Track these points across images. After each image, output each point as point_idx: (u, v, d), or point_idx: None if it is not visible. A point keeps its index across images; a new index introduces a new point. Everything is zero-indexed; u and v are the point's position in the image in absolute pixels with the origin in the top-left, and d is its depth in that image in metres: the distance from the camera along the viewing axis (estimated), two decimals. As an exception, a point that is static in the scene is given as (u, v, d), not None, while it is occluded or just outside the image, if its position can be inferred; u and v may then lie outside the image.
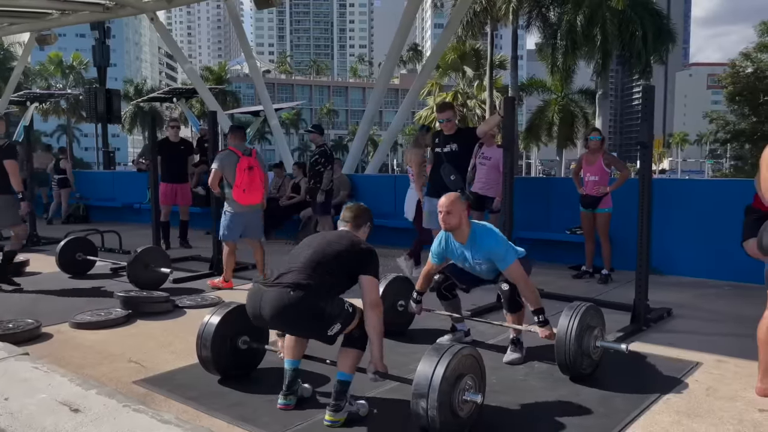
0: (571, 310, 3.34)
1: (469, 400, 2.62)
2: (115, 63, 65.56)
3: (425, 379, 2.51)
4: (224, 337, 3.31)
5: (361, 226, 3.15)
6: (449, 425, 2.54)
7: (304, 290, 2.76)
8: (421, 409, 2.50)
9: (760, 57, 30.49)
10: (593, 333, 3.36)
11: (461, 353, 2.61)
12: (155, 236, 7.06)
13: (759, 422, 2.81)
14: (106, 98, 15.91)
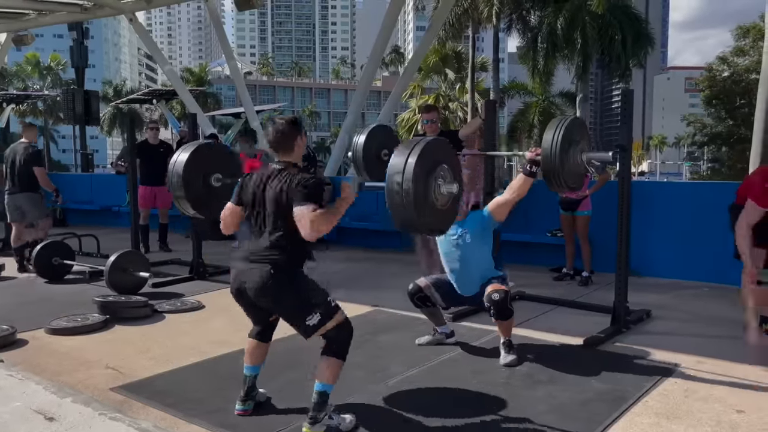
0: (555, 124, 3.26)
1: (445, 191, 2.56)
2: (93, 64, 64.89)
3: (397, 170, 2.42)
4: (195, 175, 3.25)
5: (293, 146, 2.83)
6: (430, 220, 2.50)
7: (283, 266, 2.69)
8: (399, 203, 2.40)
9: (736, 61, 31.05)
10: (578, 146, 3.30)
11: (431, 142, 2.53)
12: (134, 240, 6.97)
13: (737, 423, 2.84)
14: (84, 99, 15.67)
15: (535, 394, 3.22)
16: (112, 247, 6.39)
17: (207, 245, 6.56)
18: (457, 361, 3.76)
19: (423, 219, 2.46)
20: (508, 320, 3.70)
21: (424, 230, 2.58)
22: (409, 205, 2.38)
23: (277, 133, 2.82)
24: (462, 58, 35.60)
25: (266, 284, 2.70)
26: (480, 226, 3.78)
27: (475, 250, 3.77)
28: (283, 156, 2.84)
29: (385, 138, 4.26)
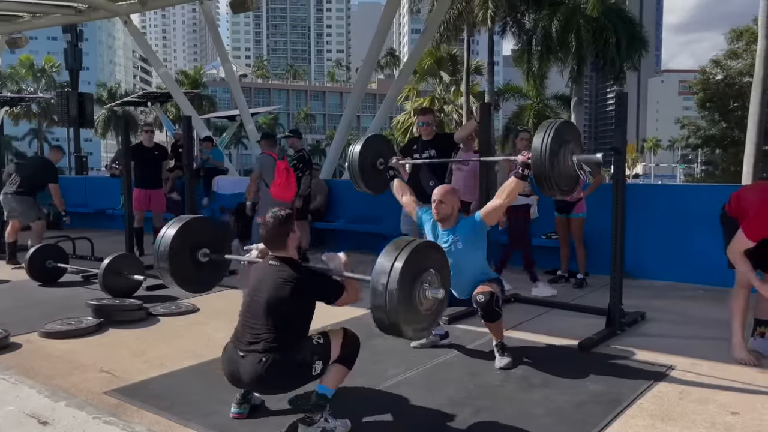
0: (545, 127, 3.26)
1: (430, 297, 2.56)
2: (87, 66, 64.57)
3: (383, 275, 2.40)
4: (182, 250, 3.23)
5: (286, 242, 2.89)
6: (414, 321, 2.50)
7: (275, 353, 2.68)
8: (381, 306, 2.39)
9: (729, 64, 31.22)
10: (568, 147, 3.29)
11: (420, 245, 2.53)
12: (128, 243, 6.95)
13: (731, 425, 2.85)
14: (78, 102, 15.64)
15: (530, 397, 3.23)
16: (107, 250, 6.37)
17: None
18: (452, 364, 3.76)
19: (405, 323, 2.48)
20: (496, 322, 3.67)
21: (405, 336, 2.58)
22: (392, 309, 2.39)
23: (268, 232, 2.87)
24: (457, 61, 35.71)
25: (259, 374, 2.70)
26: (472, 231, 3.77)
27: (467, 255, 3.76)
28: (275, 252, 2.89)
29: (381, 147, 4.26)
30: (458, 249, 3.74)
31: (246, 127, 14.12)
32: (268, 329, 2.72)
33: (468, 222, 3.80)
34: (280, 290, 2.74)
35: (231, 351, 2.81)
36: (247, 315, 2.82)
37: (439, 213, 3.75)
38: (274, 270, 2.82)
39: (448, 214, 3.75)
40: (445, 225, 3.80)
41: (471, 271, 3.78)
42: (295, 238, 2.93)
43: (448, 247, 3.72)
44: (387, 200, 8.02)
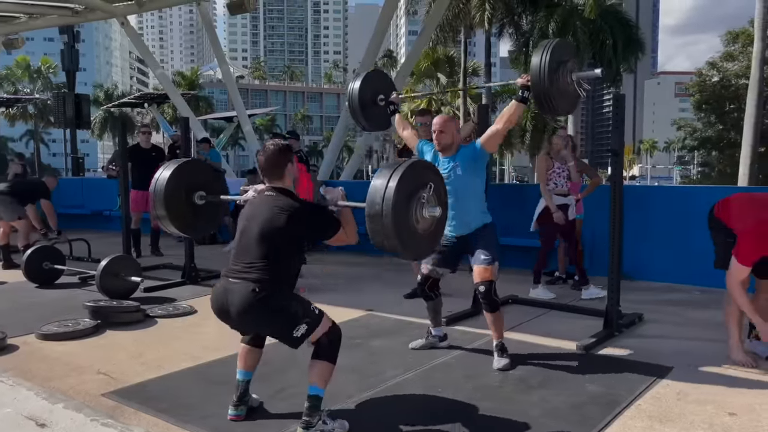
0: (542, 46, 3.26)
1: (428, 215, 2.53)
2: (84, 67, 64.46)
3: (377, 195, 2.36)
4: (178, 192, 3.25)
5: (284, 172, 2.83)
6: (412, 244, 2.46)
7: (268, 286, 2.66)
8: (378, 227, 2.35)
9: (725, 66, 31.32)
10: (567, 66, 3.28)
11: (416, 163, 2.52)
12: (125, 244, 6.93)
13: (729, 426, 2.85)
14: (75, 103, 15.62)
15: (528, 399, 3.23)
16: (104, 252, 6.35)
17: (199, 249, 6.54)
18: (450, 365, 3.76)
19: (402, 245, 2.42)
20: (496, 313, 3.73)
21: (405, 255, 2.53)
22: (387, 229, 2.32)
23: (266, 160, 2.83)
24: (454, 63, 35.73)
25: (249, 304, 2.65)
26: (472, 158, 3.78)
27: (467, 181, 3.76)
28: (272, 182, 2.85)
29: (380, 83, 4.28)
30: (457, 175, 3.76)
31: (243, 128, 14.12)
32: (261, 259, 2.69)
33: (468, 149, 3.83)
34: (275, 219, 2.69)
35: (222, 281, 2.78)
36: (241, 245, 2.79)
37: (440, 143, 3.80)
38: (271, 199, 2.78)
39: (449, 143, 3.79)
40: (445, 153, 3.83)
41: (470, 199, 3.79)
42: (293, 171, 2.88)
43: (447, 173, 3.73)
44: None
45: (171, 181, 3.21)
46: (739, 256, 3.50)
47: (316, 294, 4.99)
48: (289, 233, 2.70)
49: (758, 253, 3.48)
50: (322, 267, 7.10)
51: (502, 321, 3.79)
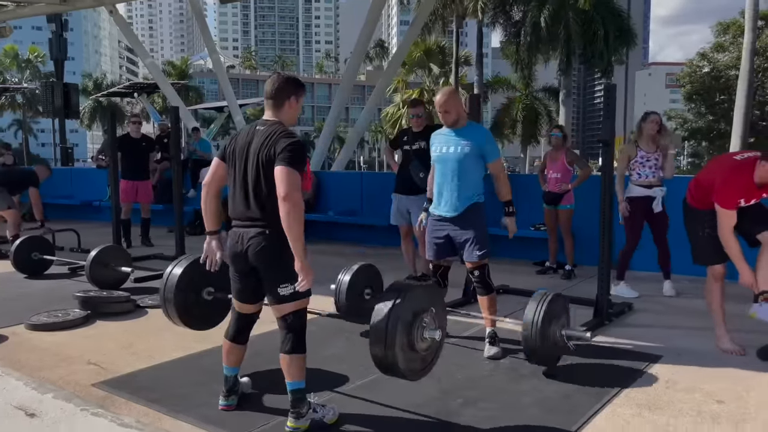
0: (537, 299, 3.34)
1: (428, 337, 2.61)
2: (73, 57, 63.75)
3: (381, 316, 2.47)
4: (188, 290, 3.27)
5: (284, 103, 2.77)
6: (413, 363, 2.55)
7: (277, 229, 2.59)
8: (380, 350, 2.47)
9: (716, 57, 31.45)
10: (559, 321, 3.37)
11: (418, 290, 2.59)
12: (115, 234, 6.89)
13: (717, 413, 2.88)
14: (63, 92, 15.50)
15: (518, 388, 3.25)
16: (94, 242, 6.31)
17: (189, 240, 6.51)
18: (441, 355, 3.76)
19: (403, 362, 2.53)
20: (489, 295, 3.77)
21: (403, 375, 2.61)
22: (390, 348, 2.46)
23: (272, 86, 2.76)
24: (446, 53, 35.65)
25: (261, 246, 2.64)
26: (481, 146, 3.75)
27: (471, 165, 3.75)
28: (272, 112, 2.77)
29: (371, 276, 4.23)
30: (465, 153, 3.74)
31: (234, 118, 14.04)
32: (265, 201, 2.65)
33: (479, 135, 3.81)
34: (272, 146, 2.61)
35: (234, 231, 2.75)
36: (240, 187, 2.73)
37: (446, 122, 3.80)
38: (264, 128, 2.71)
39: (455, 119, 3.78)
40: (453, 126, 3.82)
41: (468, 181, 3.77)
42: (296, 106, 2.81)
43: (450, 148, 3.76)
44: (375, 193, 8.06)
45: (182, 279, 3.27)
46: (720, 201, 3.56)
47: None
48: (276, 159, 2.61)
49: (737, 194, 3.54)
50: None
51: (495, 305, 3.82)
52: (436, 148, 3.89)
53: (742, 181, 3.54)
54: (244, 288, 2.83)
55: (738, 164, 3.61)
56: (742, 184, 3.54)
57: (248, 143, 2.71)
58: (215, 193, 2.89)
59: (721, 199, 3.57)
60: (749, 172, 3.52)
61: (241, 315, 2.93)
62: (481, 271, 3.75)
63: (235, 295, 2.89)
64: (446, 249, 3.89)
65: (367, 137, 61.89)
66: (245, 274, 2.77)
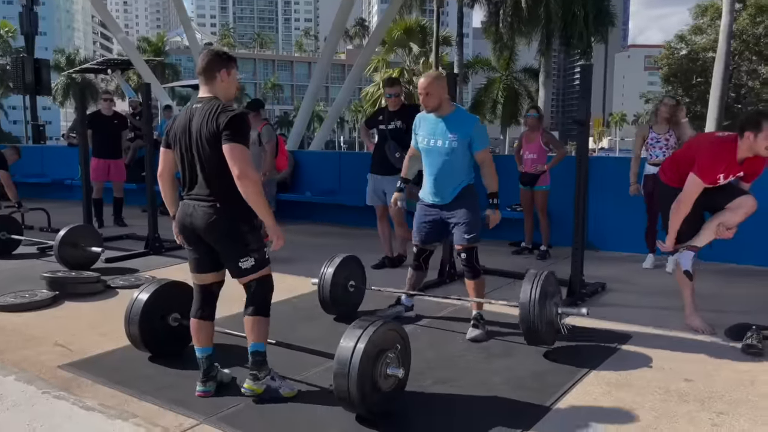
0: (531, 278, 3.34)
1: (391, 374, 2.60)
2: (44, 31, 62.18)
3: (346, 352, 2.48)
4: (154, 315, 3.20)
5: (215, 77, 2.76)
6: (371, 399, 2.52)
7: (227, 204, 2.68)
8: (343, 383, 2.47)
9: (694, 39, 31.65)
10: (553, 300, 3.37)
11: (384, 328, 2.58)
12: (86, 214, 6.75)
13: (685, 391, 2.92)
14: (34, 68, 15.10)
15: (490, 367, 3.25)
16: (64, 222, 6.17)
17: (163, 220, 6.40)
18: (415, 334, 3.75)
19: (365, 400, 2.51)
20: (477, 280, 3.75)
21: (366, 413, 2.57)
22: (352, 389, 2.45)
23: (202, 61, 2.77)
24: (426, 32, 35.38)
25: (212, 219, 2.68)
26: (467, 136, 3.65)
27: (460, 158, 3.68)
28: (207, 88, 2.77)
29: (355, 269, 4.15)
30: (452, 147, 3.66)
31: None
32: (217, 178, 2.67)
33: (467, 125, 3.68)
34: (212, 122, 2.63)
35: (183, 205, 2.80)
36: (186, 162, 2.75)
37: (427, 106, 3.69)
38: (201, 105, 2.72)
39: (437, 104, 3.68)
40: (438, 113, 3.72)
41: (457, 173, 3.73)
42: (229, 80, 2.79)
43: (435, 137, 3.69)
44: (354, 173, 7.98)
45: (148, 304, 3.19)
46: (701, 172, 3.59)
47: (285, 264, 4.92)
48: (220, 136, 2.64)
49: (719, 168, 3.57)
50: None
51: (483, 289, 3.81)
52: (423, 138, 3.79)
53: (727, 156, 3.57)
54: (199, 256, 2.84)
55: (722, 140, 3.66)
56: (726, 159, 3.57)
57: (188, 123, 2.73)
58: (170, 181, 2.94)
59: (702, 171, 3.59)
60: (732, 148, 3.56)
61: (202, 287, 2.90)
62: (469, 254, 3.70)
63: (192, 266, 2.90)
64: (434, 234, 3.89)
65: (347, 117, 61.48)
66: (196, 242, 2.81)
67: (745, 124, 3.51)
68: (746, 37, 29.35)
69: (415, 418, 2.68)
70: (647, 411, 2.71)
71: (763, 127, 3.42)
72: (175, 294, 3.33)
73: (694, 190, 3.64)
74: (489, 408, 2.76)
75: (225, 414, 2.67)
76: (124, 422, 2.53)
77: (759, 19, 29.11)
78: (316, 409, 2.71)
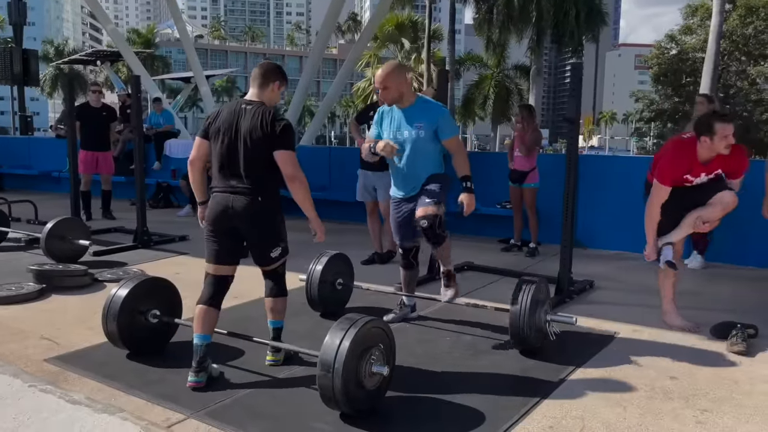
0: (522, 286, 3.34)
1: (376, 372, 2.60)
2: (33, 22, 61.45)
3: (331, 350, 2.49)
4: (132, 311, 3.17)
5: (268, 86, 3.02)
6: (355, 397, 2.53)
7: (267, 198, 2.93)
8: (327, 381, 2.47)
9: (684, 39, 31.84)
10: (543, 307, 3.39)
11: (368, 326, 2.58)
12: (73, 206, 6.70)
13: (669, 389, 2.95)
14: (22, 59, 14.95)
15: (477, 363, 3.26)
16: (52, 215, 6.12)
17: (152, 213, 6.38)
18: (404, 330, 3.77)
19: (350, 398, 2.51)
20: (442, 245, 3.54)
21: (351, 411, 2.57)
22: (337, 387, 2.46)
23: (261, 69, 3.04)
24: (418, 28, 35.36)
25: (253, 209, 2.89)
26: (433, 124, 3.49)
27: (428, 148, 3.53)
28: (257, 92, 3.00)
29: (343, 267, 4.13)
30: (420, 137, 3.51)
31: (200, 89, 13.69)
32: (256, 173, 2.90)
33: (432, 113, 3.53)
34: (266, 126, 2.87)
35: (219, 196, 2.94)
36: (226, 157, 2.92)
37: (386, 99, 3.56)
38: (252, 108, 2.94)
39: (397, 97, 3.53)
40: (400, 105, 3.57)
41: (427, 163, 3.57)
42: (277, 91, 3.05)
43: (401, 129, 3.54)
44: (345, 169, 7.97)
45: (126, 300, 3.16)
46: (658, 175, 3.66)
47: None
48: (273, 141, 2.88)
49: (674, 172, 3.63)
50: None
51: (448, 251, 3.62)
52: (386, 130, 3.64)
53: (684, 158, 3.61)
54: (221, 248, 2.99)
55: (681, 142, 3.70)
56: (684, 162, 3.61)
57: (236, 121, 2.93)
58: (201, 168, 3.11)
59: (659, 174, 3.67)
60: (692, 149, 3.59)
61: (217, 278, 3.01)
62: (431, 220, 3.41)
63: (211, 256, 3.01)
64: (412, 229, 3.70)
65: (338, 112, 61.32)
66: (224, 234, 2.96)
67: (700, 129, 3.55)
68: (736, 37, 29.59)
69: (399, 416, 2.68)
70: (633, 408, 2.73)
71: (716, 129, 3.46)
72: (154, 290, 3.31)
73: (657, 194, 3.69)
74: (475, 405, 2.76)
75: (212, 409, 2.67)
76: (110, 416, 2.52)
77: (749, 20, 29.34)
78: (301, 406, 2.72)
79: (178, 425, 2.52)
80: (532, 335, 3.29)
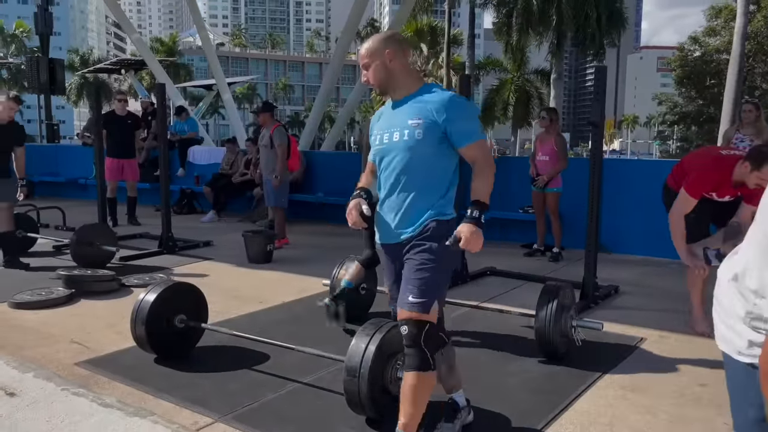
0: (548, 291, 3.33)
1: (401, 378, 2.57)
2: (59, 32, 62.62)
3: (357, 355, 2.48)
4: (160, 316, 3.22)
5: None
6: (381, 402, 2.53)
7: None
8: (353, 386, 2.47)
9: (707, 41, 31.42)
10: (569, 313, 3.37)
11: (394, 330, 2.56)
12: (101, 213, 6.81)
13: (699, 396, 2.90)
14: (48, 68, 15.22)
15: (502, 369, 3.25)
16: (79, 221, 6.24)
17: (176, 219, 6.46)
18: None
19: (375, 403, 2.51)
20: (421, 374, 2.22)
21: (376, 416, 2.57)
22: (363, 391, 2.46)
23: None
24: (437, 33, 35.36)
25: None
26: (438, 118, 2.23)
27: (427, 154, 2.25)
28: None
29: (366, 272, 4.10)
30: (417, 139, 2.25)
31: (222, 96, 13.87)
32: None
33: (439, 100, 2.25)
34: None
35: None
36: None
37: (373, 85, 2.36)
38: None
39: (384, 79, 2.34)
40: (396, 95, 2.37)
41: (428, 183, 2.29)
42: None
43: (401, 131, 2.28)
44: (365, 172, 8.01)
45: (154, 306, 3.21)
46: (688, 187, 3.60)
47: (297, 264, 4.95)
48: None
49: (705, 186, 3.58)
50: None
51: (427, 393, 2.31)
52: (375, 137, 2.41)
53: (717, 176, 3.55)
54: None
55: (720, 158, 3.63)
56: (716, 178, 3.56)
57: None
58: None
59: (689, 186, 3.60)
60: (728, 169, 3.53)
61: None
62: (417, 328, 2.20)
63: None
64: None
65: (358, 117, 61.52)
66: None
67: (754, 155, 3.45)
68: (761, 38, 29.09)
69: (425, 422, 2.67)
70: (662, 415, 2.70)
71: (763, 168, 3.38)
72: (181, 295, 3.35)
73: (683, 204, 3.62)
74: (503, 410, 2.76)
75: (240, 413, 2.69)
76: (142, 420, 2.56)
77: (774, 21, 28.84)
78: (327, 410, 2.73)
79: (206, 428, 2.55)
80: (558, 341, 3.27)
